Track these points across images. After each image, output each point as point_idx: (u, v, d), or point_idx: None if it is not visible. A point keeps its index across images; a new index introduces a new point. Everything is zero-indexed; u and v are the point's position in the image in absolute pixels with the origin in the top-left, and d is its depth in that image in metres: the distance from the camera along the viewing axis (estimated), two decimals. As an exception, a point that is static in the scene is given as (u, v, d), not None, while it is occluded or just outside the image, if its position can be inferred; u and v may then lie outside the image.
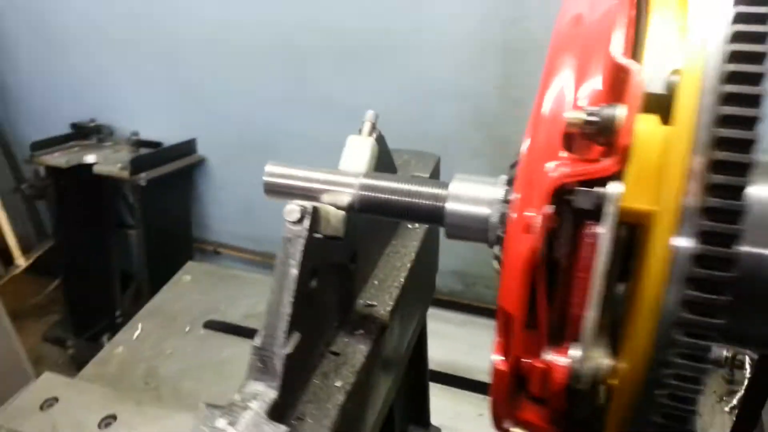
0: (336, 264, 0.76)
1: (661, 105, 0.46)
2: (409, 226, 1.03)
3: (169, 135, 3.02)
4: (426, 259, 1.05)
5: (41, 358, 3.18)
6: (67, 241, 3.12)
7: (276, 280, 0.63)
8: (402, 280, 0.91)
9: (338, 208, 0.69)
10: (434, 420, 1.48)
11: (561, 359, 0.47)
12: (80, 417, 1.53)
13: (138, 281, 3.25)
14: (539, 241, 0.45)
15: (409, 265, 0.95)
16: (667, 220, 0.41)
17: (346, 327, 0.81)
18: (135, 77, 3.03)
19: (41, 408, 1.54)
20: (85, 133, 3.06)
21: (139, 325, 2.05)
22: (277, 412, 0.61)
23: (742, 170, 0.42)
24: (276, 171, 0.71)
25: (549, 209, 0.46)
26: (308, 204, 0.63)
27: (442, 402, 1.74)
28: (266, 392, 0.62)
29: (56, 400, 1.56)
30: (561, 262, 0.49)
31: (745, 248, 0.46)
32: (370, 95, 2.54)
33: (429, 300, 1.21)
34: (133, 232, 3.02)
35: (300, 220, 0.62)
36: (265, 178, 0.71)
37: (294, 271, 0.62)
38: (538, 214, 0.46)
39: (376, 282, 0.91)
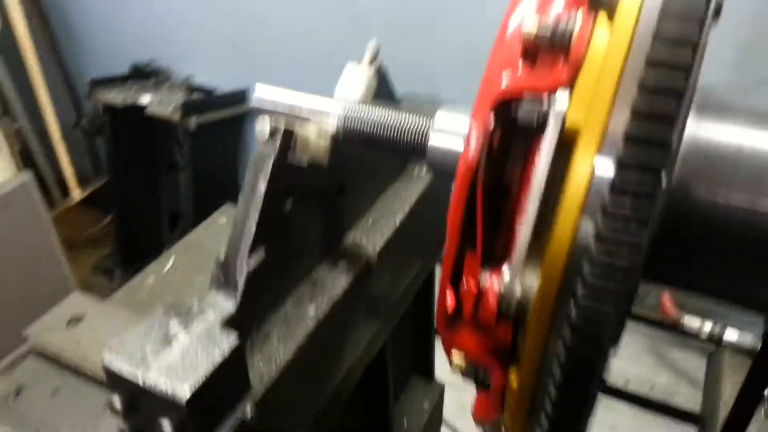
0: (320, 194, 0.76)
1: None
2: (415, 172, 1.02)
3: (222, 83, 3.07)
4: (431, 208, 1.03)
5: (90, 288, 3.33)
6: (120, 178, 3.24)
7: (243, 197, 0.64)
8: (397, 223, 0.90)
9: (323, 135, 0.68)
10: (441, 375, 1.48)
11: (493, 281, 0.46)
12: (103, 336, 1.59)
13: (184, 221, 3.35)
14: (476, 153, 0.44)
15: (407, 209, 0.93)
16: (588, 141, 0.39)
17: (331, 260, 0.81)
18: (194, 24, 3.08)
19: (68, 324, 1.62)
20: (143, 74, 3.15)
21: (172, 259, 2.11)
22: (233, 324, 0.62)
23: (674, 97, 0.39)
24: (265, 92, 0.71)
25: (490, 121, 0.44)
26: (281, 124, 0.63)
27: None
28: (225, 305, 0.63)
29: (83, 318, 1.63)
30: (512, 187, 0.48)
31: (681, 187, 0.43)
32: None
33: (435, 254, 1.20)
34: (182, 174, 3.11)
35: (271, 138, 0.62)
36: (255, 98, 0.71)
37: (262, 188, 0.62)
38: (481, 127, 0.44)
39: (369, 221, 0.90)
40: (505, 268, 0.46)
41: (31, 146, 3.29)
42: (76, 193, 3.58)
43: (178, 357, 0.58)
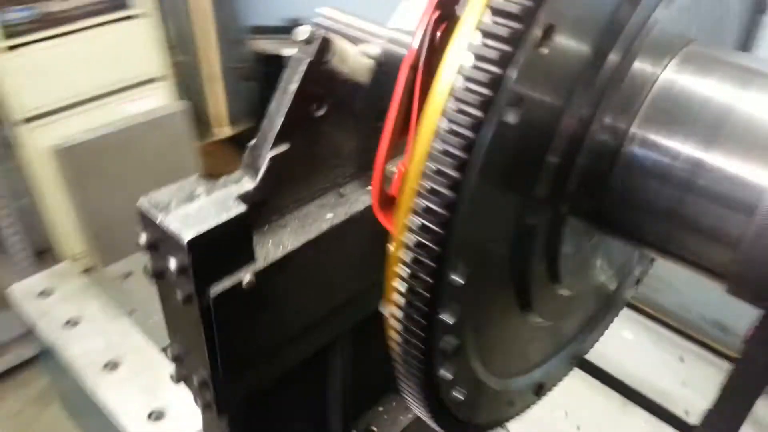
0: (358, 114, 0.83)
1: None
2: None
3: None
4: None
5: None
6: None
7: (277, 94, 0.73)
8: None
9: (365, 54, 0.75)
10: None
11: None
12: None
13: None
14: (418, 40, 0.48)
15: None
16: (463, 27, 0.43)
17: (362, 181, 0.88)
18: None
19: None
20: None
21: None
22: (247, 199, 0.71)
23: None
24: (326, 12, 0.80)
25: (432, 16, 0.48)
26: (322, 30, 0.71)
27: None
28: (245, 184, 0.73)
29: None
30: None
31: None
32: None
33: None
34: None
35: (308, 42, 0.70)
36: (315, 19, 0.80)
37: (293, 88, 0.71)
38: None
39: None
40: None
41: (191, 81, 3.65)
42: (226, 131, 3.92)
43: (192, 211, 0.69)
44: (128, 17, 3.01)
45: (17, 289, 1.79)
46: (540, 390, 0.73)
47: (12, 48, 2.70)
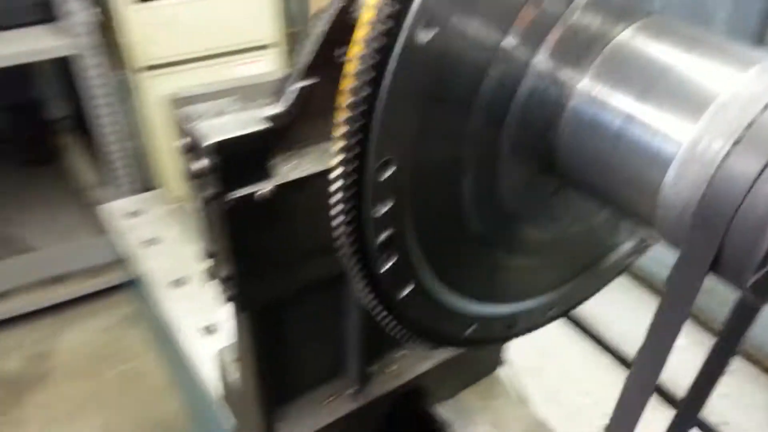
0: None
1: None
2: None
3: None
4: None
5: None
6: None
7: (309, 37, 0.84)
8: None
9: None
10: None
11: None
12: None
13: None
14: None
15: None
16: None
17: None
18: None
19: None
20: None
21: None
22: (270, 122, 0.83)
23: None
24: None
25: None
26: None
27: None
28: (272, 108, 0.85)
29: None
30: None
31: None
32: None
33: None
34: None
35: (335, -9, 0.80)
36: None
37: (321, 30, 0.82)
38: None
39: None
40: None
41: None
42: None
43: (221, 122, 0.81)
44: (255, -14, 3.20)
45: (111, 207, 2.04)
46: (512, 326, 0.80)
47: (143, 0, 2.98)
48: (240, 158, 0.82)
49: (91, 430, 2.99)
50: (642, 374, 0.57)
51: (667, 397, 2.58)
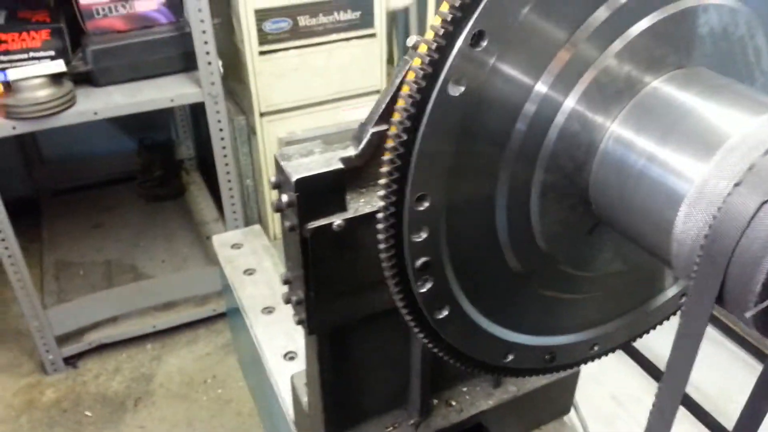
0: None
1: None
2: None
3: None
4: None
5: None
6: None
7: (388, 86, 0.95)
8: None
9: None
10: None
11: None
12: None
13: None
14: None
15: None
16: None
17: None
18: None
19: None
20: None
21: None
22: (346, 163, 0.94)
23: None
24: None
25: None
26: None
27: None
28: (350, 150, 0.96)
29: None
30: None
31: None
32: None
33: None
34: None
35: (414, 48, 0.91)
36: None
37: (398, 81, 0.93)
38: None
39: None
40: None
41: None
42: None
43: (306, 162, 0.93)
44: (367, 35, 3.44)
45: (217, 239, 2.23)
46: (552, 359, 0.84)
47: (263, 53, 3.28)
48: (318, 193, 0.93)
49: (181, 451, 3.17)
50: (669, 389, 0.60)
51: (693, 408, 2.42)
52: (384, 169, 0.65)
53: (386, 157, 0.65)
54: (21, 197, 4.56)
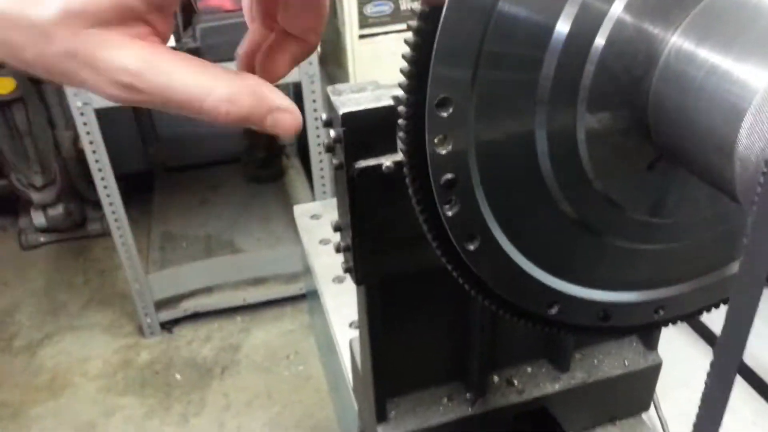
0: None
1: None
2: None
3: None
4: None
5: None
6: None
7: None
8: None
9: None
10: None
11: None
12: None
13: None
14: None
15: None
16: None
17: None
18: None
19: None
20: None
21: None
22: (398, 100, 0.89)
23: None
24: None
25: None
26: None
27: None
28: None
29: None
30: None
31: None
32: None
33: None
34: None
35: None
36: None
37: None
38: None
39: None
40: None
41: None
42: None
43: (355, 97, 0.90)
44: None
45: (299, 209, 2.26)
46: (606, 317, 0.75)
47: (363, 37, 3.29)
48: (367, 130, 0.89)
49: (259, 422, 3.25)
50: (724, 355, 0.51)
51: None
52: (404, 61, 0.59)
53: (407, 51, 0.59)
54: (137, 172, 4.87)
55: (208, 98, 0.48)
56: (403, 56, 0.59)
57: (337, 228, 1.05)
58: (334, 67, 3.67)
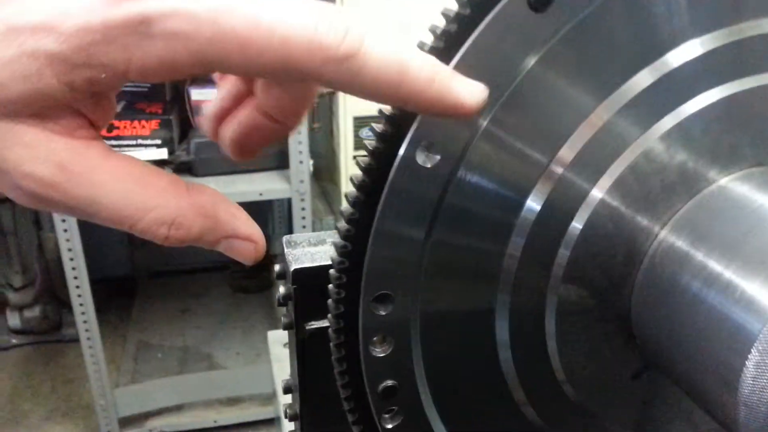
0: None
1: None
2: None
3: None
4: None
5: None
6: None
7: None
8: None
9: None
10: None
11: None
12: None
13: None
14: None
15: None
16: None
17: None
18: None
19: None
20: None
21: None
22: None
23: None
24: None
25: None
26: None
27: None
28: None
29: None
30: None
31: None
32: None
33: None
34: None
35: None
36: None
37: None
38: None
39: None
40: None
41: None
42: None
43: (311, 252, 0.80)
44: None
45: (272, 335, 2.14)
46: None
47: (356, 157, 3.28)
48: (322, 289, 0.79)
49: None
50: None
51: None
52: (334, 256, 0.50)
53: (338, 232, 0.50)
54: (122, 276, 4.76)
55: (144, 219, 0.39)
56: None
57: (287, 389, 0.92)
58: (327, 183, 3.66)
